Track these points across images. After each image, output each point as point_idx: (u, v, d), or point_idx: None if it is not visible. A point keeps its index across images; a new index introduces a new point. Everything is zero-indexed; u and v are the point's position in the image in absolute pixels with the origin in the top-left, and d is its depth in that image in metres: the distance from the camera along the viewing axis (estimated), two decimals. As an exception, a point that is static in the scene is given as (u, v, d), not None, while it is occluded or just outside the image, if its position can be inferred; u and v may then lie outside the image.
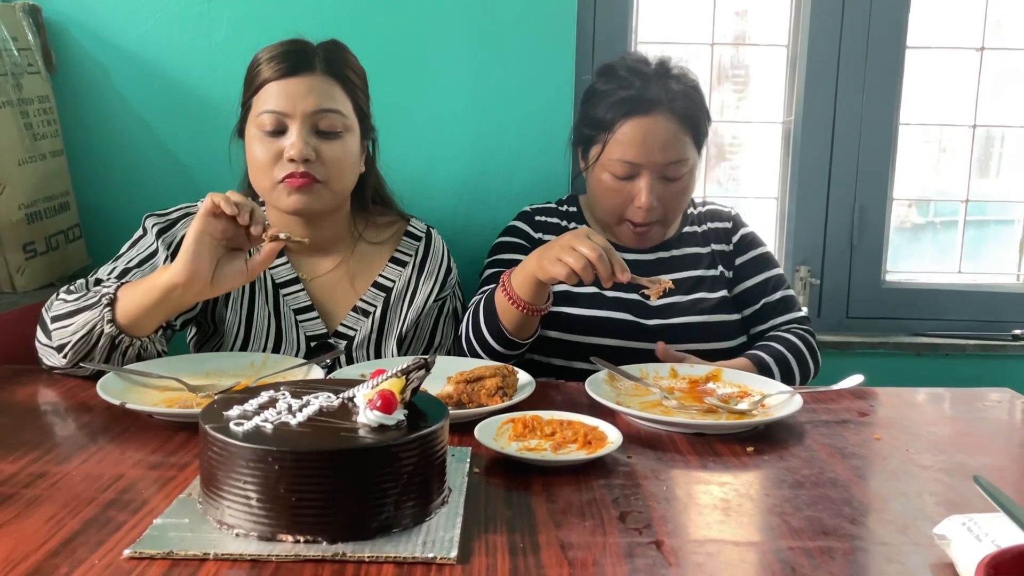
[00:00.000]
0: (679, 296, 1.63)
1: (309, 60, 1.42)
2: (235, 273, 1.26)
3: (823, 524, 0.88)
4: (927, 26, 2.15)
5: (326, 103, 1.41)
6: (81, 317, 1.27)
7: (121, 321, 1.26)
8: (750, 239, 1.73)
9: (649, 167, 1.56)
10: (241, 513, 0.80)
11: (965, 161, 2.23)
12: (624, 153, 1.56)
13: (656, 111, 1.56)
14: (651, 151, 1.55)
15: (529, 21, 1.91)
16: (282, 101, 1.39)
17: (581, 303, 1.61)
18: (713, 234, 1.73)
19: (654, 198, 1.57)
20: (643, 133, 1.55)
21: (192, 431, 1.09)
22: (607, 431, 1.08)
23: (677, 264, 1.68)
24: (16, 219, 1.65)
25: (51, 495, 0.90)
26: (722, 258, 1.71)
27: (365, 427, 0.84)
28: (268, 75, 1.40)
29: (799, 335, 1.61)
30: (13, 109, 1.67)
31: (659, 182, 1.58)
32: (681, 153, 1.57)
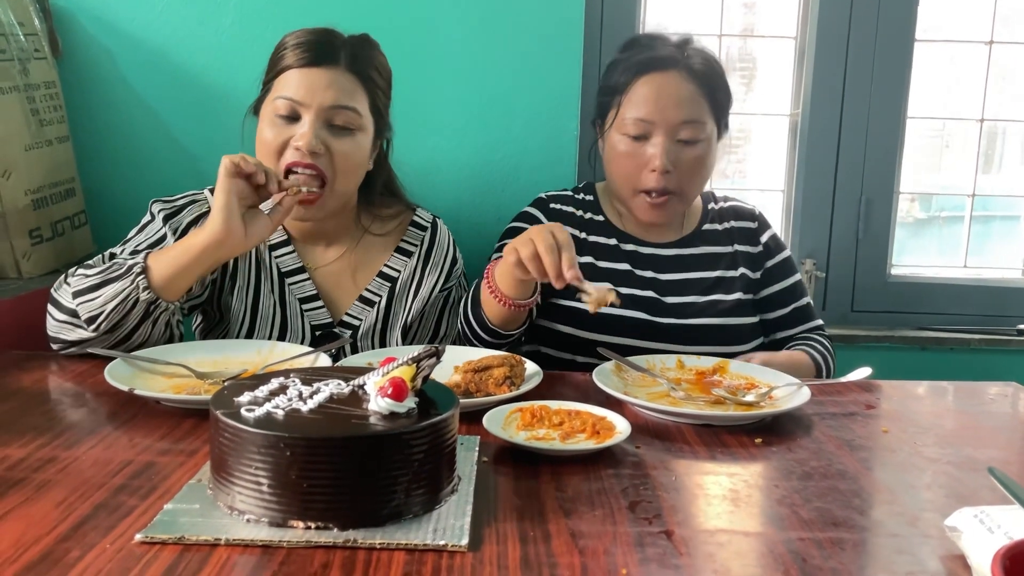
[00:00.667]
0: (695, 296, 1.59)
1: (334, 53, 1.41)
2: (261, 227, 1.32)
3: (833, 515, 0.88)
4: (936, 19, 2.14)
5: (344, 100, 1.40)
6: (110, 288, 1.28)
7: (156, 285, 1.28)
8: (776, 240, 1.69)
9: (663, 126, 1.51)
10: (252, 499, 0.80)
11: (969, 155, 2.22)
12: (637, 110, 1.52)
13: (672, 68, 1.52)
14: (665, 108, 1.51)
15: (537, 11, 1.91)
16: (300, 90, 1.39)
17: (615, 280, 1.56)
18: (738, 233, 1.67)
19: (668, 162, 1.51)
20: (657, 89, 1.51)
21: (200, 417, 1.09)
22: (615, 421, 1.08)
23: (695, 263, 1.63)
24: (22, 205, 1.65)
25: (61, 480, 0.90)
26: (747, 259, 1.65)
27: (376, 414, 0.84)
28: (291, 61, 1.40)
29: (824, 346, 1.60)
30: (19, 95, 1.67)
31: (674, 145, 1.52)
32: (697, 114, 1.52)
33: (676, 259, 1.63)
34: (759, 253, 1.66)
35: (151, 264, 1.29)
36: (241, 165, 1.28)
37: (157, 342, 1.34)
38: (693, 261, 1.63)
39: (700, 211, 1.69)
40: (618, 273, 1.59)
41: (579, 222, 1.64)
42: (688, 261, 1.63)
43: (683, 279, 1.61)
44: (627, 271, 1.60)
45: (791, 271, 1.68)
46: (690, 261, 1.63)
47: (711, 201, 1.71)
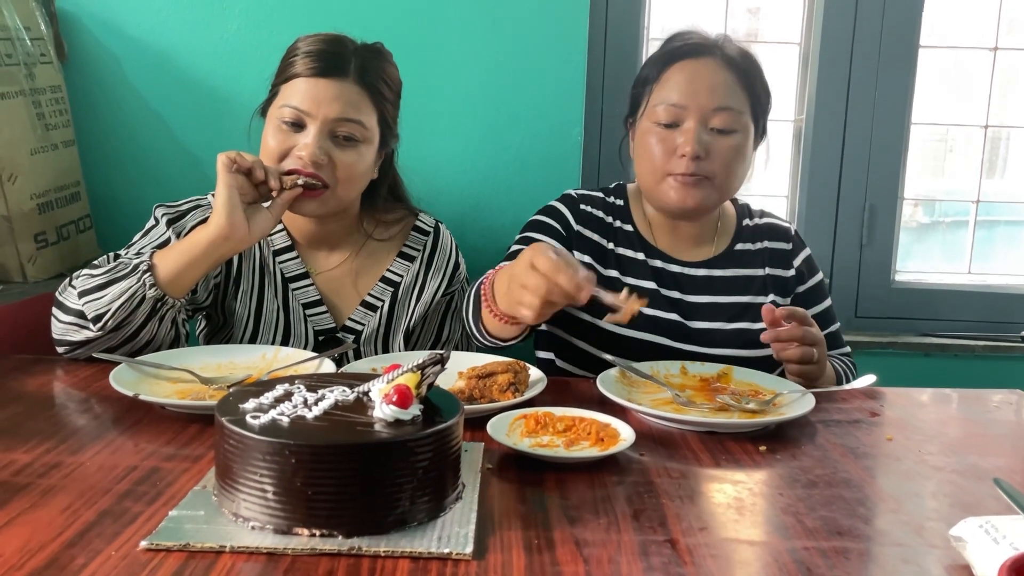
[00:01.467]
0: (721, 323, 1.51)
1: (344, 64, 1.40)
2: (263, 221, 1.34)
3: (837, 524, 0.88)
4: (940, 25, 2.14)
5: (350, 113, 1.40)
6: (117, 287, 1.29)
7: (163, 281, 1.29)
8: (810, 263, 1.61)
9: (695, 111, 1.43)
10: (257, 506, 0.80)
11: (972, 161, 2.22)
12: (668, 95, 1.45)
13: (707, 55, 1.46)
14: (697, 92, 1.43)
15: (541, 17, 1.91)
16: (307, 100, 1.39)
17: None
18: (770, 255, 1.58)
19: (700, 147, 1.42)
20: (689, 74, 1.45)
21: (205, 423, 1.09)
22: (620, 428, 1.08)
23: (724, 286, 1.54)
24: (28, 209, 1.65)
25: (66, 485, 0.90)
26: (777, 284, 1.56)
27: (381, 421, 0.84)
28: (300, 69, 1.40)
29: (847, 367, 1.56)
30: (25, 99, 1.67)
31: (706, 132, 1.44)
32: (732, 101, 1.44)
33: (705, 280, 1.55)
34: (791, 278, 1.58)
35: (157, 262, 1.31)
36: (238, 160, 1.31)
37: (163, 340, 1.34)
38: (722, 284, 1.55)
39: (734, 227, 1.61)
40: (643, 291, 1.46)
41: (607, 229, 1.57)
42: (717, 283, 1.55)
43: (710, 303, 1.53)
44: (653, 290, 1.52)
45: (822, 297, 1.60)
46: (719, 284, 1.55)
47: (746, 216, 1.63)
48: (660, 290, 1.53)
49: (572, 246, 1.54)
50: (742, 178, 1.51)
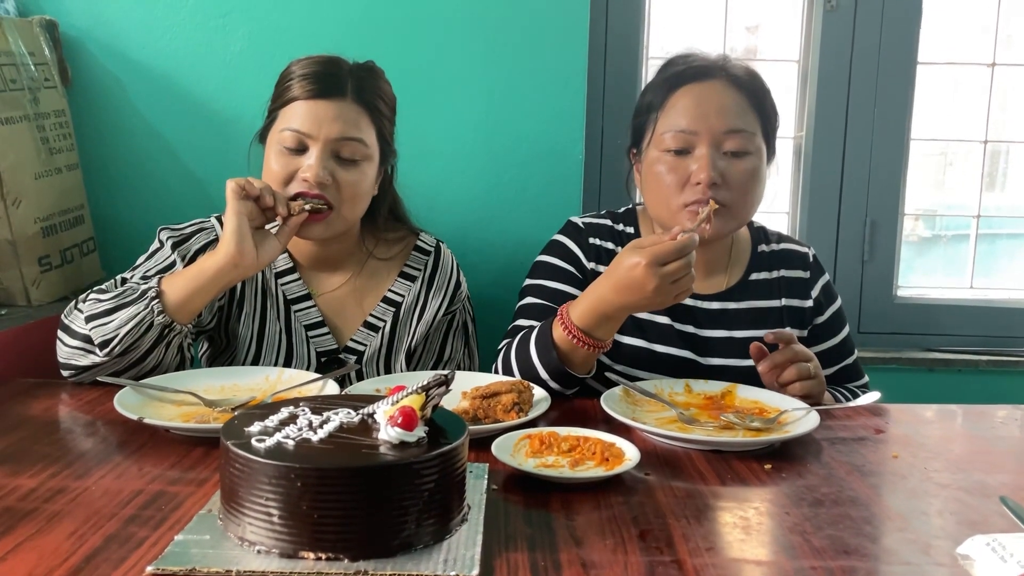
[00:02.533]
0: (735, 359, 1.47)
1: (340, 85, 1.42)
2: (271, 248, 1.35)
3: (845, 543, 0.87)
4: (938, 42, 2.15)
5: (350, 131, 1.41)
6: (125, 312, 1.29)
7: (171, 308, 1.30)
8: (828, 291, 1.56)
9: (706, 135, 1.38)
10: (263, 530, 0.80)
11: (973, 176, 2.23)
12: (677, 121, 1.40)
13: (713, 78, 1.42)
14: (707, 115, 1.39)
15: (541, 36, 1.93)
16: (307, 123, 1.40)
17: (652, 336, 1.48)
18: (787, 285, 1.54)
19: (716, 173, 1.37)
20: (697, 97, 1.41)
21: (209, 446, 1.09)
22: (624, 448, 1.08)
23: (738, 320, 1.50)
24: (32, 232, 1.66)
25: (71, 510, 0.90)
26: (794, 316, 1.52)
27: (386, 444, 0.84)
28: (297, 92, 1.41)
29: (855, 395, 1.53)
30: (30, 123, 1.68)
31: (720, 157, 1.39)
32: (744, 123, 1.40)
33: (719, 314, 1.50)
34: (808, 309, 1.53)
35: (165, 288, 1.31)
36: (247, 187, 1.32)
37: (169, 365, 1.35)
38: (737, 318, 1.50)
39: (748, 255, 1.56)
40: (656, 326, 1.49)
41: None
42: (731, 317, 1.50)
43: (724, 337, 1.49)
44: (667, 325, 1.49)
45: (840, 326, 1.56)
46: (733, 317, 1.50)
47: (762, 242, 1.57)
48: (674, 324, 1.49)
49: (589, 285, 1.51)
50: (759, 202, 1.47)
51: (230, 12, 1.89)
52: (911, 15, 2.10)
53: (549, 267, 1.54)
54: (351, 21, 1.90)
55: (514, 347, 1.39)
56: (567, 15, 1.93)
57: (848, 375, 1.57)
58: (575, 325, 1.29)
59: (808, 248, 1.61)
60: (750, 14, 2.21)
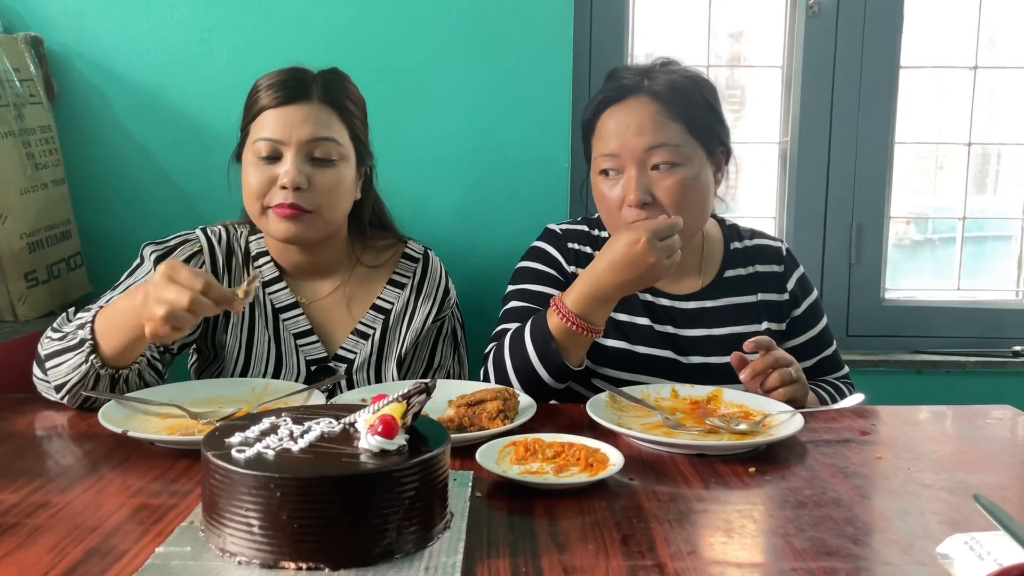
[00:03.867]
0: (716, 357, 1.49)
1: (306, 89, 1.43)
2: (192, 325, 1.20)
3: (826, 545, 0.88)
4: (921, 45, 2.17)
5: (321, 131, 1.42)
6: (71, 360, 1.26)
7: (108, 359, 1.26)
8: (804, 283, 1.59)
9: (628, 155, 1.41)
10: (243, 541, 0.80)
11: (962, 178, 2.24)
12: (604, 145, 1.44)
13: (630, 96, 1.43)
14: (625, 136, 1.41)
15: (526, 44, 1.94)
16: (278, 129, 1.40)
17: (633, 338, 1.50)
18: (763, 280, 1.56)
19: (643, 192, 1.39)
20: (616, 121, 1.43)
21: (194, 458, 1.09)
22: (609, 453, 1.08)
23: (715, 317, 1.52)
24: (18, 248, 1.66)
25: (53, 524, 0.90)
26: (770, 310, 1.54)
27: (367, 452, 0.84)
28: (266, 102, 1.42)
29: (838, 389, 1.55)
30: (15, 139, 1.69)
31: (648, 175, 1.41)
32: (666, 137, 1.40)
33: (696, 313, 1.52)
34: (785, 302, 1.55)
35: (99, 339, 1.25)
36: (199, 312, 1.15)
37: (135, 389, 1.32)
38: (714, 315, 1.52)
39: (721, 253, 1.57)
40: (637, 328, 1.50)
41: None
42: (709, 315, 1.52)
43: (704, 336, 1.51)
44: (647, 326, 1.50)
45: (818, 318, 1.58)
46: (711, 315, 1.52)
47: (735, 239, 1.59)
48: (654, 326, 1.51)
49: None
50: (704, 205, 1.46)
51: (214, 27, 1.90)
52: (893, 20, 2.11)
53: (531, 272, 1.56)
54: (335, 34, 1.91)
55: (507, 343, 1.40)
56: (552, 23, 1.94)
57: (828, 366, 1.59)
58: (571, 311, 1.32)
59: (781, 242, 1.63)
60: (734, 21, 2.22)
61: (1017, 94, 2.23)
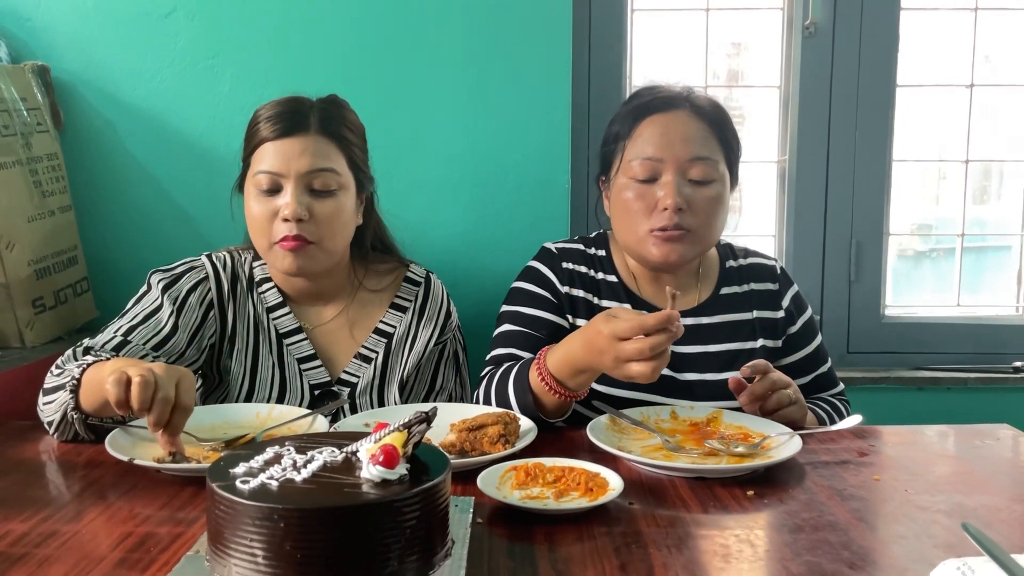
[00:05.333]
0: (711, 374, 1.50)
1: (304, 120, 1.45)
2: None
3: (822, 569, 0.89)
4: (917, 64, 2.19)
5: (320, 163, 1.44)
6: (59, 398, 1.27)
7: (84, 408, 1.24)
8: (799, 301, 1.60)
9: (672, 162, 1.43)
10: (248, 570, 0.81)
11: (961, 193, 2.25)
12: (643, 149, 1.45)
13: (678, 108, 1.47)
14: (672, 143, 1.43)
15: (525, 65, 1.96)
16: (277, 161, 1.42)
17: None
18: (758, 297, 1.57)
19: (681, 199, 1.42)
20: (663, 127, 1.45)
21: (199, 485, 1.11)
22: (608, 477, 1.09)
23: (711, 335, 1.53)
24: (25, 275, 1.68)
25: (62, 555, 0.91)
26: (765, 327, 1.55)
27: (368, 482, 0.85)
28: (265, 135, 1.44)
29: (835, 407, 1.56)
30: (22, 168, 1.71)
31: (686, 184, 1.44)
32: (708, 151, 1.45)
33: (693, 330, 1.50)
34: (780, 319, 1.57)
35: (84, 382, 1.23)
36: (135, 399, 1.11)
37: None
38: (709, 332, 1.53)
39: (717, 271, 1.60)
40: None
41: (591, 284, 1.56)
42: (704, 332, 1.53)
43: (699, 352, 1.52)
44: None
45: (813, 335, 1.59)
46: (706, 332, 1.53)
47: (729, 258, 1.62)
48: None
49: (565, 310, 1.54)
50: (722, 228, 1.51)
51: (218, 54, 1.93)
52: (888, 38, 2.13)
53: (525, 293, 1.57)
54: (337, 60, 1.93)
55: (494, 385, 1.41)
56: (550, 46, 1.96)
57: (824, 383, 1.60)
58: (550, 373, 1.31)
59: (775, 261, 1.65)
60: (731, 41, 2.24)
61: (1014, 111, 2.24)
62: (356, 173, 1.51)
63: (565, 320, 1.53)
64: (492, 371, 1.46)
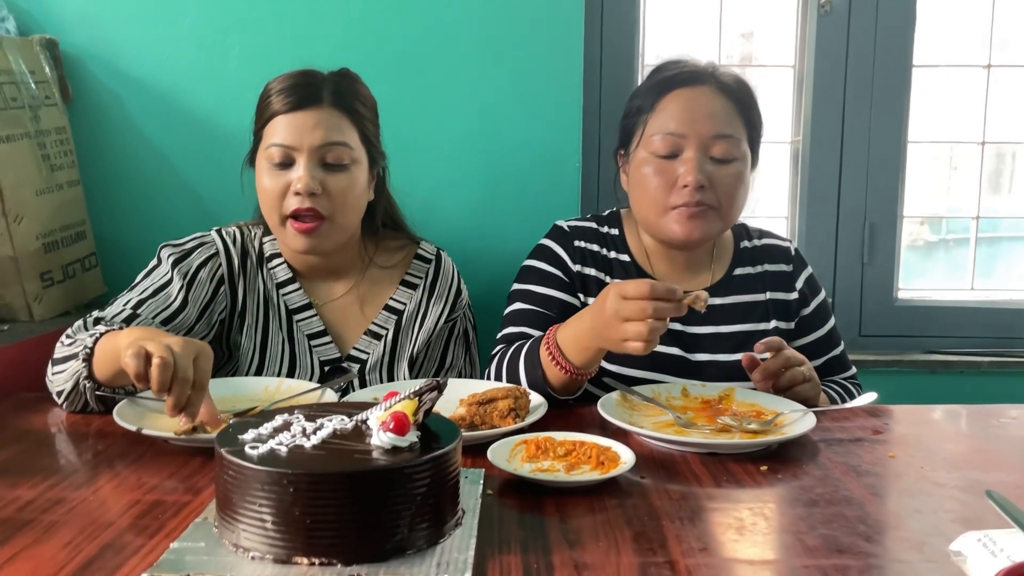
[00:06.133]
0: (724, 355, 1.48)
1: (317, 93, 1.43)
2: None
3: (838, 542, 0.87)
4: (933, 44, 2.16)
5: (333, 136, 1.42)
6: (70, 367, 1.26)
7: (98, 377, 1.23)
8: (812, 283, 1.58)
9: (695, 139, 1.41)
10: (257, 536, 0.80)
11: (976, 178, 2.23)
12: (666, 124, 1.42)
13: (703, 83, 1.44)
14: (696, 119, 1.41)
15: (536, 44, 1.94)
16: (289, 135, 1.41)
17: None
18: (771, 279, 1.55)
19: (702, 176, 1.39)
20: (687, 102, 1.43)
21: (207, 456, 1.10)
22: (620, 451, 1.08)
23: (724, 315, 1.51)
24: (33, 249, 1.67)
25: (68, 520, 0.91)
26: (779, 309, 1.53)
27: (379, 449, 0.85)
28: (277, 108, 1.42)
29: (847, 389, 1.54)
30: (31, 141, 1.70)
31: (707, 162, 1.41)
32: (732, 129, 1.42)
33: (708, 311, 1.49)
34: (793, 301, 1.55)
35: (97, 351, 1.22)
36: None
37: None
38: (722, 313, 1.51)
39: (731, 251, 1.58)
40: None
41: (603, 262, 1.54)
42: (717, 313, 1.51)
43: (711, 333, 1.50)
44: None
45: (826, 318, 1.58)
46: (719, 313, 1.51)
47: (744, 238, 1.60)
48: None
49: (576, 288, 1.53)
50: (742, 206, 1.49)
51: (227, 29, 1.91)
52: (905, 18, 2.10)
53: (536, 272, 1.55)
54: (346, 35, 1.92)
55: (505, 362, 1.41)
56: (562, 24, 1.94)
57: (836, 366, 1.58)
58: (558, 348, 1.30)
59: (790, 242, 1.63)
60: (744, 20, 2.22)
61: (1031, 93, 2.22)
62: (368, 148, 1.49)
63: (576, 299, 1.52)
64: (503, 349, 1.45)
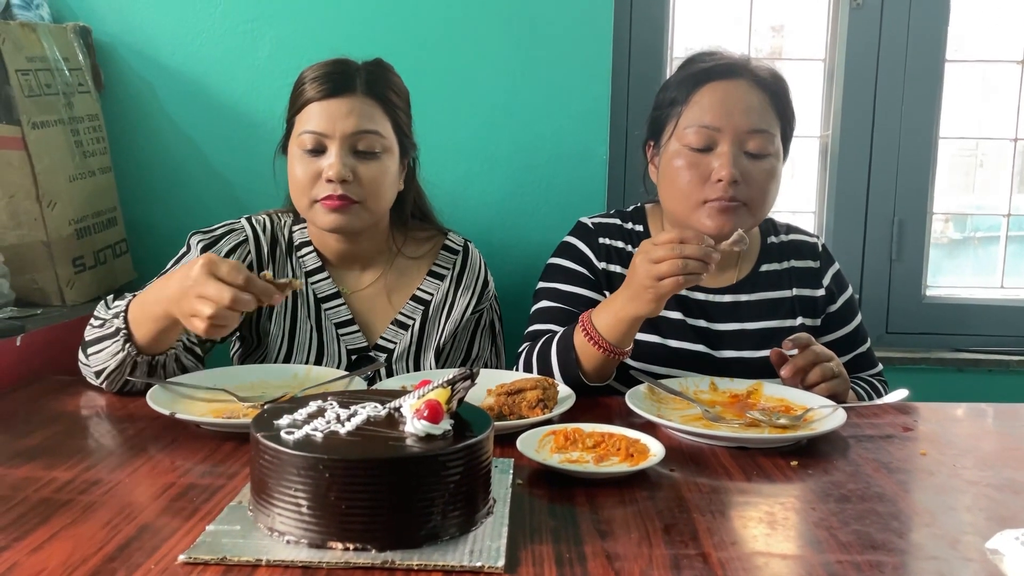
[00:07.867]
0: (749, 351, 1.48)
1: (351, 81, 1.44)
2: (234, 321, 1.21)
3: (871, 538, 0.87)
4: (967, 39, 2.13)
5: (365, 124, 1.43)
6: (109, 347, 1.28)
7: (143, 346, 1.27)
8: (840, 279, 1.57)
9: (730, 133, 1.39)
10: (292, 520, 0.81)
11: (1005, 175, 2.20)
12: (701, 117, 1.41)
13: (738, 77, 1.42)
14: (731, 113, 1.39)
15: (566, 35, 1.93)
16: (322, 122, 1.42)
17: (665, 331, 1.48)
18: (798, 275, 1.55)
19: (737, 171, 1.38)
20: (723, 95, 1.41)
21: (240, 441, 1.11)
22: (649, 444, 1.08)
23: (750, 312, 1.50)
24: (66, 234, 1.69)
25: (106, 501, 0.92)
26: (805, 305, 1.53)
27: (412, 436, 0.85)
28: (311, 95, 1.43)
29: (874, 387, 1.53)
30: (64, 127, 1.72)
31: (742, 156, 1.40)
32: (767, 124, 1.41)
33: (731, 307, 1.50)
34: (820, 298, 1.54)
35: (133, 329, 1.26)
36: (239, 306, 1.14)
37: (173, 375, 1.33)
38: (748, 309, 1.51)
39: (758, 246, 1.57)
40: (669, 323, 1.48)
41: (628, 259, 1.52)
42: (743, 309, 1.50)
43: (737, 330, 1.50)
44: (679, 320, 1.48)
45: (852, 315, 1.57)
46: (745, 309, 1.51)
47: (771, 234, 1.59)
48: (686, 320, 1.49)
49: (601, 285, 1.52)
50: (774, 201, 1.47)
51: (257, 18, 1.92)
52: (938, 12, 2.08)
53: (561, 269, 1.55)
54: (375, 25, 1.92)
55: (536, 351, 1.41)
56: (591, 16, 1.93)
57: (862, 363, 1.57)
58: (592, 325, 1.32)
59: (817, 238, 1.62)
60: (775, 14, 2.20)
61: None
62: (400, 137, 1.50)
63: (602, 296, 1.51)
64: (530, 346, 1.45)
